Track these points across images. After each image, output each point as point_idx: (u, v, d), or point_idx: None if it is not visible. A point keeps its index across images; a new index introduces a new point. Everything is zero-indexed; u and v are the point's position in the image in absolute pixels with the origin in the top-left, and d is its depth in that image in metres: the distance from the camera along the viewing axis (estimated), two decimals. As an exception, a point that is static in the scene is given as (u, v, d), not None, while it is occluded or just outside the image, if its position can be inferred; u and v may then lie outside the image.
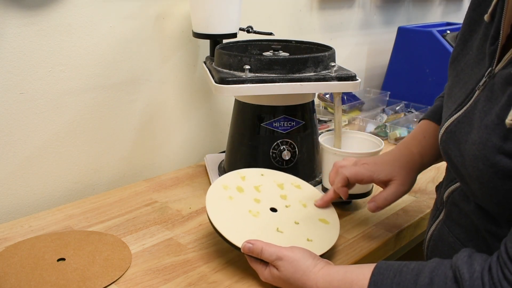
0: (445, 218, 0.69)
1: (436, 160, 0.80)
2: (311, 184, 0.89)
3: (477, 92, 0.60)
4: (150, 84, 1.08)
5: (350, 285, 0.60)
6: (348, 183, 0.78)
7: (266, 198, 0.81)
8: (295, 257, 0.66)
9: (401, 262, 0.58)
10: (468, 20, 0.68)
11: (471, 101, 0.60)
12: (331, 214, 0.81)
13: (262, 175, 0.86)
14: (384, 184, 0.78)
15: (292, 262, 0.66)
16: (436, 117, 0.80)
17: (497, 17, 0.60)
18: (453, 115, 0.62)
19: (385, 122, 1.37)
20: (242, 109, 0.94)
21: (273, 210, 0.79)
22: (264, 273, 0.69)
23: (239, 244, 0.70)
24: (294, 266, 0.66)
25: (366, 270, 0.59)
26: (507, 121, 0.50)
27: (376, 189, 0.88)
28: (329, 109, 1.43)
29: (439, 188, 0.74)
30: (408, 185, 0.77)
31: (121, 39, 1.00)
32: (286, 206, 0.80)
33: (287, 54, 0.95)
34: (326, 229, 0.78)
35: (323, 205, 0.82)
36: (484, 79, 0.59)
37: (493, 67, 0.58)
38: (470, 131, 0.57)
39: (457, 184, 0.66)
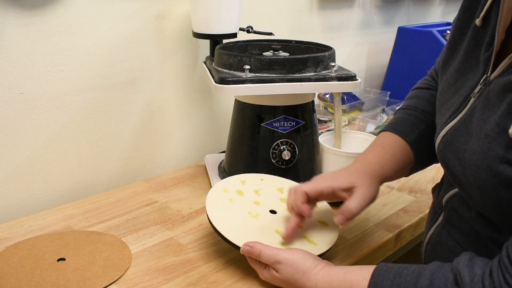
0: (444, 222, 0.68)
1: (398, 172, 0.75)
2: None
3: (472, 100, 0.59)
4: (150, 84, 1.08)
5: (350, 285, 0.60)
6: (309, 200, 0.72)
7: (265, 201, 0.81)
8: (294, 259, 0.66)
9: (401, 265, 0.58)
10: (458, 22, 0.67)
11: (466, 108, 0.59)
12: (331, 216, 0.81)
13: (262, 180, 0.87)
14: (346, 192, 0.71)
15: (291, 265, 0.66)
16: (398, 128, 0.76)
17: (492, 23, 0.58)
18: (449, 123, 0.61)
19: (385, 122, 1.37)
20: (242, 109, 0.94)
21: (273, 212, 0.79)
22: (264, 272, 0.69)
23: (238, 243, 0.70)
24: (293, 268, 0.66)
25: (366, 271, 0.59)
26: (511, 130, 0.50)
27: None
28: (329, 109, 1.43)
29: (436, 190, 0.73)
30: (373, 191, 0.70)
31: (121, 39, 1.00)
32: (286, 209, 0.80)
33: (287, 54, 0.95)
34: (326, 230, 0.78)
35: (289, 234, 0.72)
36: (479, 87, 0.58)
37: (488, 74, 0.57)
38: (469, 139, 0.56)
39: (457, 190, 0.65)
